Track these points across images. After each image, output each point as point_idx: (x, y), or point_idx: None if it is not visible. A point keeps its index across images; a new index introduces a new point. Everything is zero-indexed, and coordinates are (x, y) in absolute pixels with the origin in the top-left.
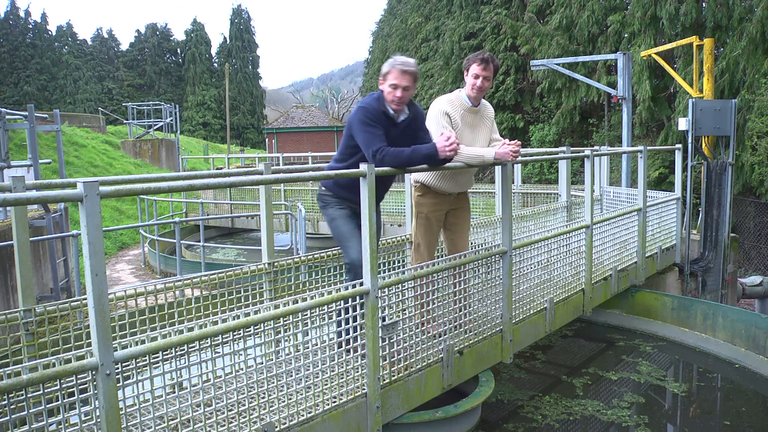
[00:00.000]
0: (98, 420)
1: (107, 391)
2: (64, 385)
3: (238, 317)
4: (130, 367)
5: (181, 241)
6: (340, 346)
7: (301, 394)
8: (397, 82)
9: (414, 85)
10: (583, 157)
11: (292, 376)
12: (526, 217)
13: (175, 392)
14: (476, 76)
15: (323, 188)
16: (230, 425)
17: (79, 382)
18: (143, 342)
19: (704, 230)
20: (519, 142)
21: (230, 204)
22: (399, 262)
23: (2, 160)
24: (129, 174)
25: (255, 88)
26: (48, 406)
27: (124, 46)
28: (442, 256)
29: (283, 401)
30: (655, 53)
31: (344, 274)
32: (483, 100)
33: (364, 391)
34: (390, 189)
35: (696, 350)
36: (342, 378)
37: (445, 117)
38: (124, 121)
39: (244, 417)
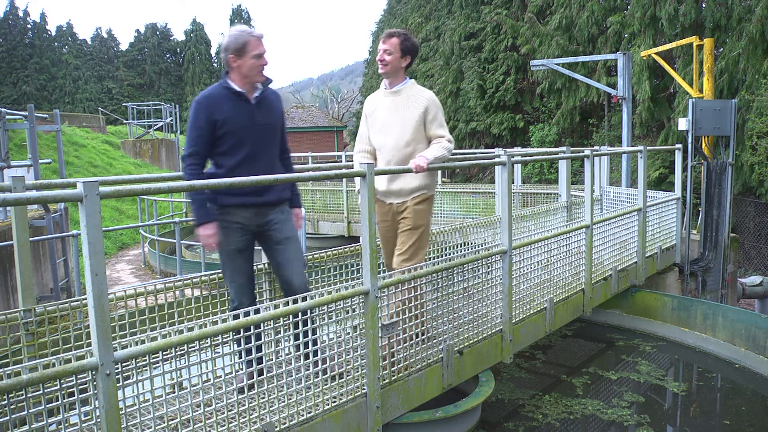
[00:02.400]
0: (98, 420)
1: (107, 391)
2: (64, 385)
3: (238, 317)
4: (130, 367)
5: (181, 241)
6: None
7: (301, 394)
8: (259, 51)
9: None
10: (583, 157)
11: (292, 376)
12: (526, 217)
13: (175, 392)
14: (378, 51)
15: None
16: (230, 425)
17: (79, 382)
18: (143, 342)
19: (704, 230)
20: (422, 160)
21: None
22: None
23: (2, 160)
24: (129, 174)
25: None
26: (48, 406)
27: (124, 46)
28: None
29: (283, 401)
30: (655, 53)
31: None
32: (417, 87)
33: (364, 391)
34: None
35: (696, 350)
36: (342, 378)
37: (363, 116)
38: (124, 121)
39: (244, 417)
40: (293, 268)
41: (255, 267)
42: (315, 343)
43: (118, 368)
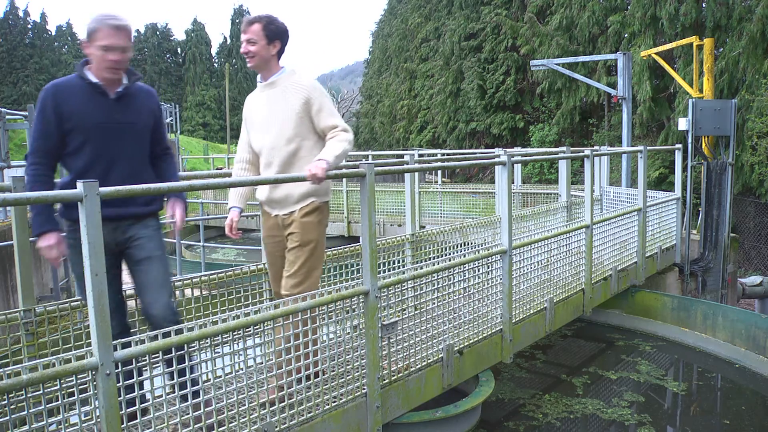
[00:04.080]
0: (98, 420)
1: (107, 391)
2: (64, 385)
3: (238, 317)
4: (130, 367)
5: (181, 241)
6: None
7: (301, 394)
8: (108, 42)
9: (131, 45)
10: (583, 157)
11: (292, 376)
12: (526, 217)
13: (175, 392)
14: (241, 43)
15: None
16: (230, 425)
17: (79, 382)
18: (143, 342)
19: (704, 230)
20: (321, 164)
21: None
22: (399, 262)
23: (2, 160)
24: None
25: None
26: (48, 406)
27: None
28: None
29: (283, 401)
30: (655, 53)
31: None
32: (296, 75)
33: (364, 391)
34: (389, 189)
35: (696, 350)
36: (342, 378)
37: (243, 120)
38: None
39: (244, 417)
40: (152, 294)
41: (256, 266)
42: (195, 382)
43: (118, 368)
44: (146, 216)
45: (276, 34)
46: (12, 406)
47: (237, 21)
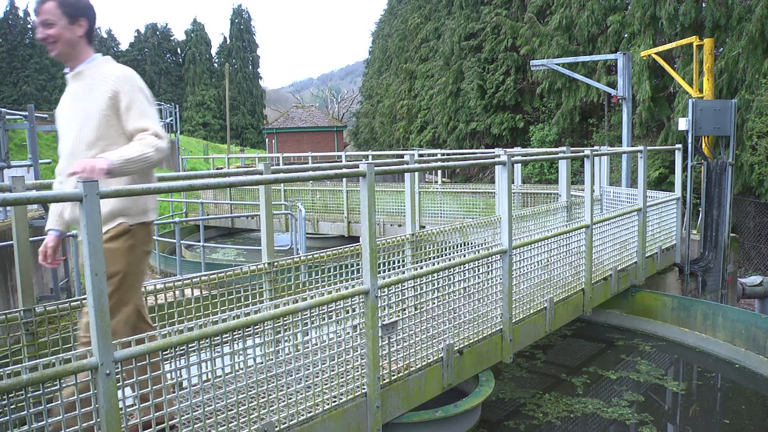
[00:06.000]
0: (98, 420)
1: (107, 391)
2: (64, 386)
3: (238, 317)
4: (130, 367)
5: (181, 241)
6: None
7: (301, 394)
8: None
9: None
10: (583, 157)
11: (292, 376)
12: (526, 217)
13: (175, 392)
14: (37, 29)
15: None
16: (230, 425)
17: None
18: (143, 342)
19: (704, 230)
20: (100, 162)
21: (230, 204)
22: (399, 262)
23: (2, 160)
24: None
25: (255, 88)
26: (48, 405)
27: (124, 46)
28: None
29: (283, 401)
30: (655, 53)
31: None
32: (109, 65)
33: (364, 391)
34: (389, 189)
35: (696, 350)
36: (342, 378)
37: None
38: None
39: (244, 417)
40: None
41: (256, 266)
42: None
43: (118, 368)
44: None
45: (78, 10)
46: (12, 406)
47: (236, 21)
